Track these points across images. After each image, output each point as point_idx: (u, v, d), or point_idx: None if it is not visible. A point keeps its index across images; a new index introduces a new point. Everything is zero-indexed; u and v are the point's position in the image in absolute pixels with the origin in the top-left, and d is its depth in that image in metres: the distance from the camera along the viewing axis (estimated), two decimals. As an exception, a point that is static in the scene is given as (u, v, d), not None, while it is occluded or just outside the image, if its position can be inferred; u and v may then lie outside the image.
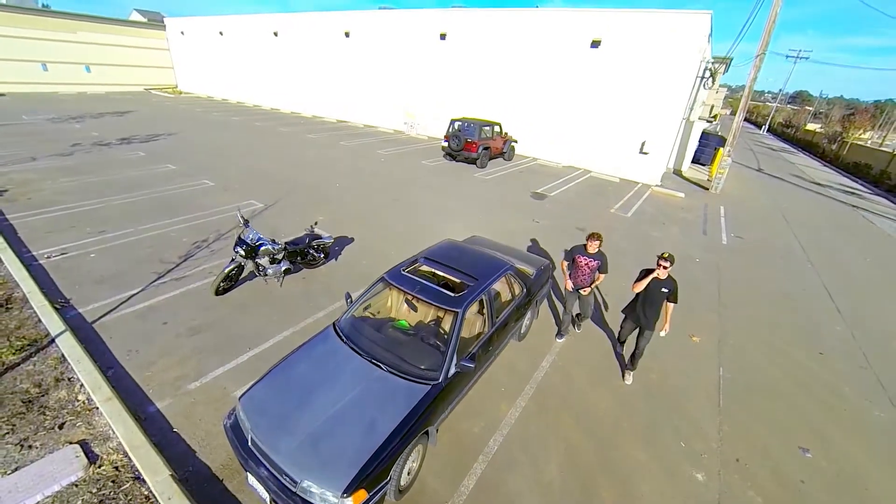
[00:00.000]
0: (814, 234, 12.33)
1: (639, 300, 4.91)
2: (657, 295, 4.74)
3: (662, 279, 4.68)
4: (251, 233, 6.09)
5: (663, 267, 4.62)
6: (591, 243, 5.19)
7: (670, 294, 4.69)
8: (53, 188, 10.16)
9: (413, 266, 4.78)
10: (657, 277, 4.69)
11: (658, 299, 4.75)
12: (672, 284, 4.68)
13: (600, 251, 5.29)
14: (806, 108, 69.68)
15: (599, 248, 5.26)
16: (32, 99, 26.17)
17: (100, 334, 5.16)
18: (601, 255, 5.29)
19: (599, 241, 5.21)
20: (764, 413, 4.90)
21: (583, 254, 5.30)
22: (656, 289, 4.72)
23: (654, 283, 4.72)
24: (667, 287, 4.67)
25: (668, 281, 4.67)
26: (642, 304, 4.87)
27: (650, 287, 4.73)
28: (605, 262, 5.29)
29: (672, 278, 4.70)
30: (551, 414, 4.55)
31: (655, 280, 4.71)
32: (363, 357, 3.87)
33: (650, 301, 4.79)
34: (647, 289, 4.75)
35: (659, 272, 4.66)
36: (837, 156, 32.84)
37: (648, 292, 4.76)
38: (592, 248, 5.21)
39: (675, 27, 14.23)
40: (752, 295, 7.93)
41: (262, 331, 5.50)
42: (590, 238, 5.21)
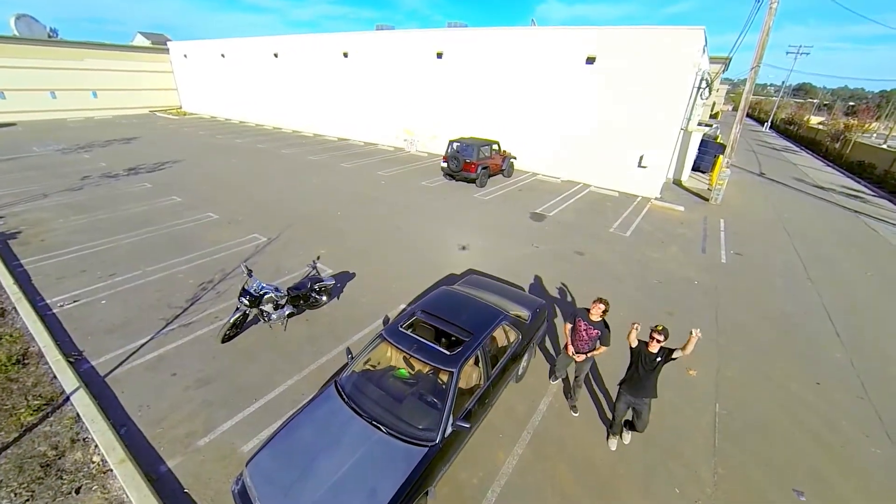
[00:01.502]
0: (815, 247, 12.31)
1: (632, 372, 4.58)
2: (652, 364, 4.44)
3: (654, 352, 4.39)
4: (255, 282, 6.29)
5: (656, 341, 4.34)
6: (595, 308, 4.85)
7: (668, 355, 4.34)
8: (65, 227, 10.49)
9: (410, 320, 4.94)
10: (649, 350, 4.40)
11: (654, 370, 4.45)
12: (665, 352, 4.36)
13: (604, 320, 4.92)
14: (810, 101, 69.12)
15: (604, 317, 4.90)
16: (43, 127, 26.85)
17: (112, 389, 5.38)
18: (604, 326, 4.90)
19: (605, 308, 4.84)
20: (760, 452, 4.97)
21: (585, 319, 4.96)
22: (649, 360, 4.43)
23: (647, 356, 4.43)
24: (661, 356, 4.38)
25: (661, 351, 4.38)
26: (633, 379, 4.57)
27: (643, 360, 4.45)
28: (606, 334, 4.90)
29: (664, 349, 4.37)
30: (548, 463, 4.67)
31: (647, 353, 4.43)
32: (363, 418, 4.02)
33: (645, 374, 4.47)
34: (639, 362, 4.46)
35: (652, 346, 4.38)
36: (840, 154, 32.58)
37: (642, 364, 4.46)
38: (596, 314, 4.86)
39: (669, 43, 14.36)
40: (751, 319, 7.98)
41: (268, 380, 5.68)
42: (595, 303, 4.87)
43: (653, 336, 4.38)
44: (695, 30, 13.92)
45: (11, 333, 6.24)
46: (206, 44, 33.08)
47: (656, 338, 4.36)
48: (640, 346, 4.48)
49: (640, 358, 4.47)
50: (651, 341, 4.39)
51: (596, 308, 4.85)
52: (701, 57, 14.94)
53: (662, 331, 4.36)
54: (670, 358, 4.33)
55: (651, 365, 4.41)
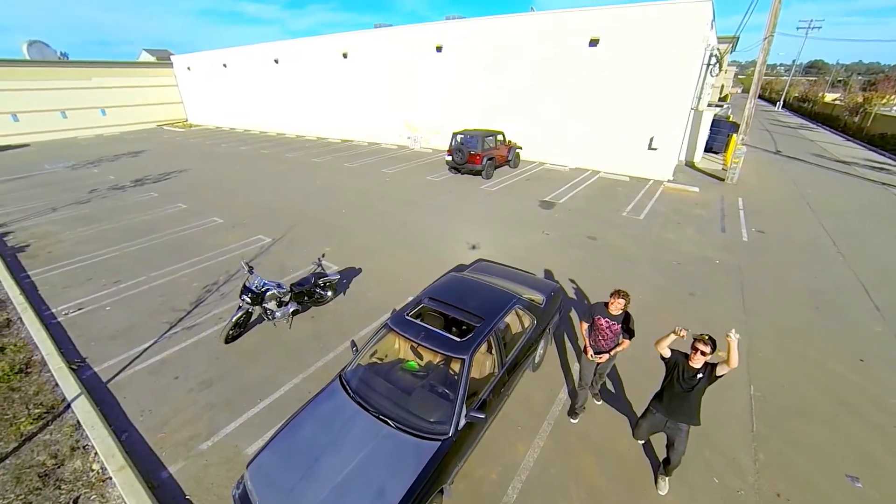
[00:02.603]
0: (842, 221, 11.68)
1: (668, 386, 3.74)
2: (691, 383, 3.55)
3: (696, 367, 3.52)
4: (256, 279, 6.08)
5: (700, 353, 3.42)
6: (615, 302, 4.25)
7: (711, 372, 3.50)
8: (72, 239, 10.49)
9: (417, 308, 4.65)
10: (690, 365, 3.53)
11: (693, 390, 3.56)
12: (708, 369, 3.51)
13: (626, 312, 4.35)
14: (824, 79, 66.91)
15: (625, 309, 4.32)
16: (54, 146, 27.36)
17: (114, 394, 5.21)
18: (627, 317, 4.37)
19: (626, 301, 4.25)
20: (803, 437, 4.56)
21: (604, 315, 4.37)
22: (688, 377, 3.55)
23: (685, 372, 3.57)
24: (703, 373, 3.51)
25: (704, 367, 3.52)
26: (669, 395, 3.71)
27: (680, 376, 3.59)
28: (631, 323, 4.37)
29: (708, 364, 3.52)
30: (572, 455, 4.33)
31: (687, 367, 3.56)
32: (370, 413, 3.75)
33: (683, 393, 3.60)
34: (677, 377, 3.61)
35: (694, 360, 3.49)
36: (861, 128, 31.31)
37: (679, 381, 3.60)
38: (616, 308, 4.27)
39: (676, 18, 13.83)
40: (780, 297, 7.50)
41: (272, 379, 5.46)
42: (613, 296, 4.27)
43: (696, 347, 3.44)
44: (702, 2, 13.36)
45: (16, 343, 6.14)
46: (208, 55, 33.37)
47: (700, 349, 3.40)
48: (675, 357, 3.63)
49: (676, 372, 3.62)
50: (693, 353, 3.47)
51: (615, 303, 4.25)
52: (710, 31, 14.39)
53: (709, 341, 3.39)
54: (715, 376, 3.46)
55: (690, 383, 3.53)
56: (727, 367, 3.33)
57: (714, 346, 3.40)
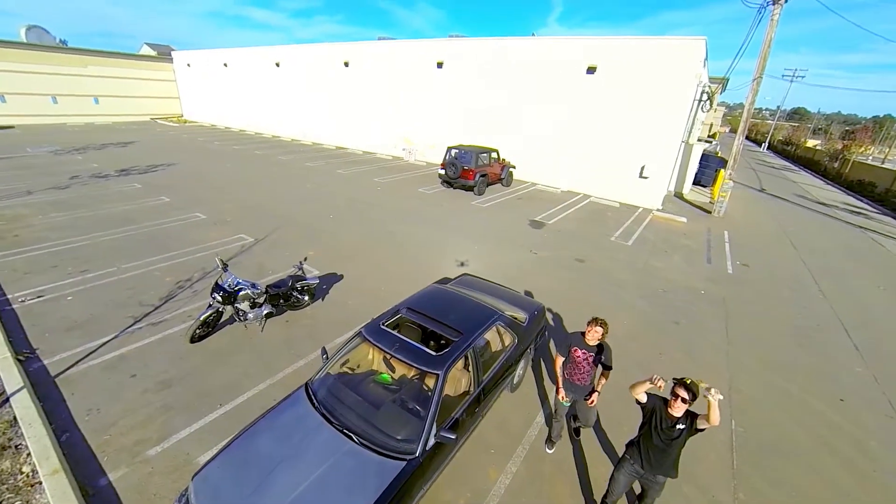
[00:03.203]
0: (823, 259, 11.89)
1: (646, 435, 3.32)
2: (670, 434, 3.14)
3: (676, 416, 3.11)
4: (229, 277, 5.81)
5: (682, 400, 3.02)
6: (592, 330, 3.90)
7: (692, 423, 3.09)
8: (43, 224, 10.03)
9: (394, 318, 4.44)
10: (669, 413, 3.13)
11: (674, 441, 3.15)
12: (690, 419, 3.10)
13: (603, 342, 4.01)
14: (805, 126, 69.96)
15: (603, 338, 3.97)
16: (40, 131, 26.71)
17: (61, 390, 4.82)
18: (604, 348, 4.00)
19: (604, 330, 3.91)
20: (783, 476, 4.41)
21: (580, 345, 4.02)
22: (667, 426, 3.15)
23: (664, 421, 3.16)
24: (685, 423, 3.10)
25: (686, 416, 3.11)
26: (647, 445, 3.30)
27: (658, 424, 3.19)
28: (608, 355, 3.97)
29: (690, 412, 3.11)
30: (545, 483, 4.10)
31: (666, 415, 3.16)
32: (334, 426, 3.50)
33: (661, 444, 3.19)
34: (654, 425, 3.22)
35: (674, 407, 3.09)
36: (840, 173, 32.55)
37: (657, 430, 3.20)
38: (593, 337, 3.92)
39: (671, 53, 14.26)
40: (762, 331, 7.48)
41: (236, 384, 5.14)
42: (591, 324, 3.92)
43: (676, 393, 3.04)
44: (696, 40, 13.83)
45: (-39, 329, 5.71)
46: (209, 53, 33.33)
47: (681, 396, 3.00)
48: (653, 402, 3.25)
49: (654, 420, 3.23)
50: (673, 400, 3.08)
51: (592, 331, 3.90)
52: (702, 68, 14.85)
53: (690, 386, 2.99)
54: (696, 429, 3.07)
55: (670, 434, 3.14)
56: (708, 424, 2.98)
57: (696, 394, 2.99)
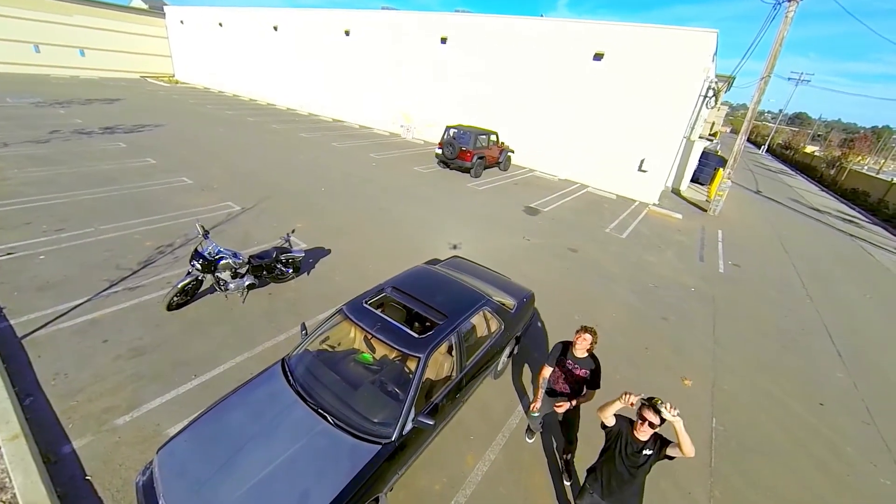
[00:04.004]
0: (813, 264, 11.96)
1: (608, 461, 2.98)
2: (636, 460, 2.82)
3: (643, 440, 2.79)
4: (210, 245, 5.58)
5: (648, 424, 2.69)
6: (581, 338, 3.59)
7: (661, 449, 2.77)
8: (19, 178, 9.59)
9: (378, 297, 4.28)
10: (635, 437, 2.81)
11: (639, 469, 2.84)
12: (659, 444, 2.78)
13: (592, 355, 3.69)
14: (805, 131, 70.07)
15: (591, 351, 3.67)
16: (22, 80, 25.49)
17: (27, 352, 4.62)
18: (593, 362, 3.66)
19: (593, 339, 3.60)
20: (760, 476, 4.43)
21: (567, 356, 3.73)
22: (633, 451, 2.82)
23: (630, 445, 2.84)
24: (652, 448, 2.78)
25: (654, 441, 2.79)
26: (608, 473, 2.98)
27: (622, 449, 2.86)
28: (597, 371, 3.63)
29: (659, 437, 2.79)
30: (523, 472, 4.06)
31: (632, 439, 2.84)
32: (308, 405, 3.37)
33: (626, 471, 2.88)
34: (618, 450, 2.88)
35: (640, 430, 2.76)
36: (835, 181, 32.74)
37: (622, 455, 2.86)
38: (581, 347, 3.60)
39: (681, 45, 13.89)
40: (749, 332, 7.49)
41: (213, 355, 4.98)
42: (579, 333, 3.62)
43: (643, 416, 2.71)
44: (707, 32, 13.46)
45: (-76, 282, 5.43)
46: (204, 11, 31.83)
47: (648, 419, 2.68)
48: (620, 425, 2.91)
49: (619, 444, 2.90)
50: (639, 424, 2.75)
51: (581, 340, 3.59)
52: (711, 63, 14.52)
53: (654, 406, 2.65)
54: (665, 456, 2.77)
55: (635, 461, 2.82)
56: (680, 452, 2.63)
57: (661, 420, 2.65)
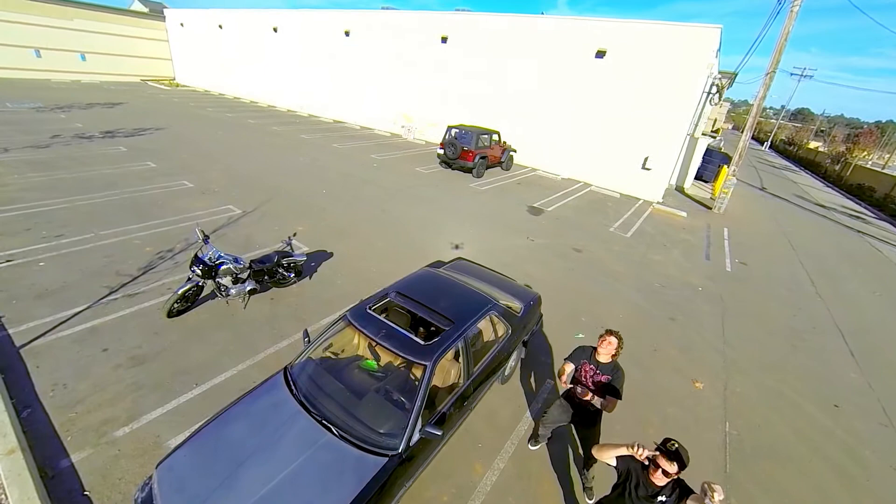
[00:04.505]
0: (820, 262, 11.80)
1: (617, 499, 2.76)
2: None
3: (659, 485, 2.52)
4: (210, 250, 5.48)
5: (662, 472, 2.43)
6: (605, 341, 3.39)
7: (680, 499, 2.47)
8: (19, 184, 9.53)
9: (382, 302, 4.18)
10: (651, 481, 2.53)
11: None
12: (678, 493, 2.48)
13: (615, 362, 3.46)
14: (809, 127, 69.61)
15: (616, 355, 3.44)
16: (22, 86, 25.50)
17: (26, 362, 4.53)
18: (616, 370, 3.42)
19: (618, 343, 3.39)
20: (777, 483, 4.31)
21: (590, 360, 3.50)
22: (646, 496, 2.57)
23: (643, 487, 2.58)
24: (667, 496, 2.50)
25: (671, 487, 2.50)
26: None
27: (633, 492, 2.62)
28: (619, 379, 3.38)
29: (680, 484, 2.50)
30: (533, 481, 3.95)
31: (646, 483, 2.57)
32: (312, 415, 3.27)
33: None
34: (629, 492, 2.64)
35: (655, 476, 2.48)
36: (840, 176, 32.47)
37: (632, 496, 2.63)
38: (606, 352, 3.39)
39: (684, 41, 13.73)
40: (759, 332, 7.36)
41: (214, 362, 4.88)
42: (604, 338, 3.41)
43: (658, 463, 2.44)
44: (711, 28, 13.31)
45: (-78, 291, 5.36)
46: (203, 13, 31.81)
47: (663, 467, 2.41)
48: (627, 464, 2.67)
49: (630, 484, 2.66)
50: (652, 470, 2.49)
51: (606, 344, 3.38)
52: (714, 59, 14.36)
53: (676, 454, 2.37)
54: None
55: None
56: None
57: (683, 463, 2.39)
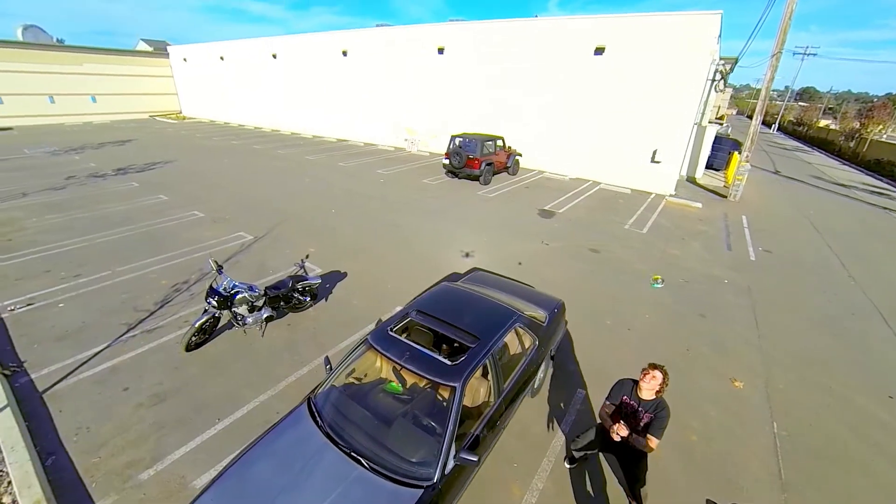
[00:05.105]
0: (849, 242, 11.33)
1: None
2: None
3: None
4: (225, 280, 5.44)
5: None
6: (647, 378, 3.07)
7: None
8: (38, 227, 9.72)
9: (403, 322, 4.04)
10: None
11: None
12: None
13: (660, 399, 3.12)
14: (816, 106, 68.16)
15: (661, 392, 3.10)
16: (39, 131, 26.37)
17: (49, 407, 4.50)
18: (660, 408, 3.09)
19: (663, 381, 3.05)
20: (838, 487, 4.00)
21: (630, 396, 3.22)
22: None
23: None
24: None
25: None
26: None
27: None
28: (663, 419, 3.04)
29: None
30: (578, 500, 3.72)
31: None
32: (340, 448, 3.12)
33: None
34: None
35: None
36: (856, 153, 31.54)
37: None
38: (649, 388, 3.07)
39: (684, 30, 13.54)
40: (794, 322, 7.02)
41: (235, 395, 4.79)
42: (647, 372, 3.09)
43: None
44: (711, 14, 13.10)
45: (-53, 341, 5.41)
46: (205, 47, 32.71)
47: None
48: None
49: None
50: None
51: (649, 379, 3.05)
52: (716, 45, 14.12)
53: None
54: None
55: None
56: None
57: None
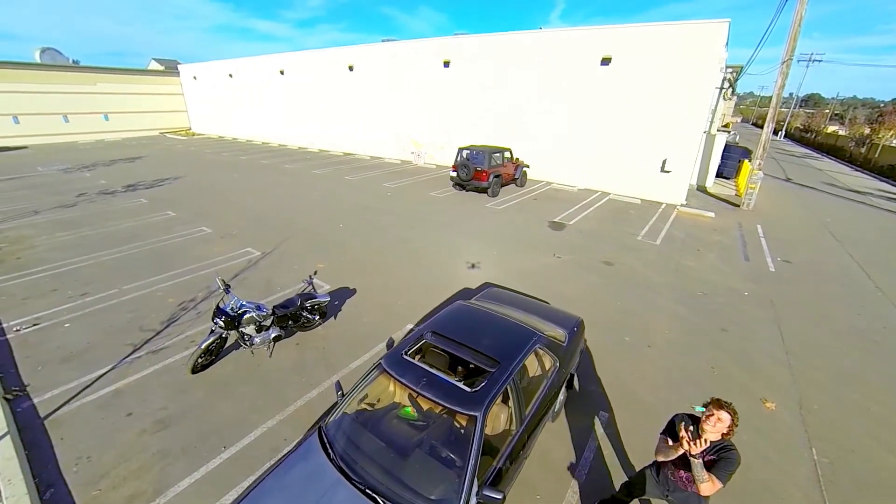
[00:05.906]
0: (871, 251, 10.97)
1: None
2: None
3: None
4: (232, 299, 5.30)
5: None
6: (712, 420, 2.58)
7: None
8: (47, 244, 9.73)
9: (417, 345, 3.85)
10: None
11: None
12: None
13: (727, 443, 2.65)
14: (824, 112, 67.70)
15: (729, 434, 2.61)
16: (52, 150, 26.86)
17: (50, 434, 4.34)
18: (727, 448, 2.63)
19: (731, 423, 2.56)
20: (888, 521, 3.70)
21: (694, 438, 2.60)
22: None
23: None
24: None
25: None
26: None
27: None
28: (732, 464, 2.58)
29: None
30: (606, 539, 3.46)
31: None
32: (354, 484, 2.91)
33: None
34: None
35: None
36: (868, 159, 31.04)
37: None
38: (713, 430, 2.59)
39: (691, 39, 13.47)
40: (822, 336, 6.70)
41: (243, 420, 4.60)
42: (711, 412, 2.60)
43: None
44: (718, 23, 13.02)
45: (-50, 364, 5.30)
46: (214, 65, 33.37)
47: None
48: None
49: None
50: None
51: (715, 422, 2.57)
52: (724, 53, 14.02)
53: None
54: None
55: None
56: None
57: None
